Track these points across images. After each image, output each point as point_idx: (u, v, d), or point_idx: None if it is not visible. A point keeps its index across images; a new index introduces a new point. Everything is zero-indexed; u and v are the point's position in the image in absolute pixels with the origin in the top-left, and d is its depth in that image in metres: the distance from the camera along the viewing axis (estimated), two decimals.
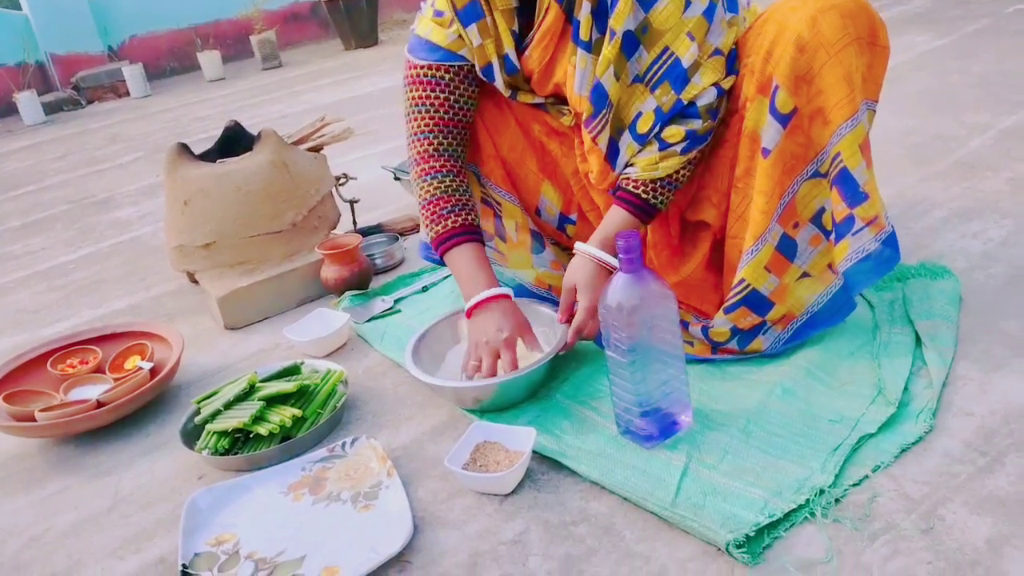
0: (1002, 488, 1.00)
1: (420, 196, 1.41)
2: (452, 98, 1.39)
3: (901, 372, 1.22)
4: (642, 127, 1.30)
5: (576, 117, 1.37)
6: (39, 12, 6.34)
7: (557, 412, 1.29)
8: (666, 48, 1.26)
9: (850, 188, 1.19)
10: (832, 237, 1.26)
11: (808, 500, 1.02)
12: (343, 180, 2.11)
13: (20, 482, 1.40)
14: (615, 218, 1.33)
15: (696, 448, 1.14)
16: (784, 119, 1.21)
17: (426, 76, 1.39)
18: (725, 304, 1.33)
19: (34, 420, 1.43)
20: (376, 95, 4.45)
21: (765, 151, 1.24)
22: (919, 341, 1.29)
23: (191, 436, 1.38)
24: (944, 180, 1.95)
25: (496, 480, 1.13)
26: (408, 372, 1.39)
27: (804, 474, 1.06)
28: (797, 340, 1.33)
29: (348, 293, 1.83)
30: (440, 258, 1.42)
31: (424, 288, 1.82)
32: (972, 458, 1.05)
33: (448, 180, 1.41)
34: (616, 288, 1.12)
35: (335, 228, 2.04)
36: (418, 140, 1.42)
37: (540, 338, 1.42)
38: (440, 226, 1.39)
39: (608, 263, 1.30)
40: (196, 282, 2.01)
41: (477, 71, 1.37)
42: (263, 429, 1.31)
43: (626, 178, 1.33)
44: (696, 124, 1.27)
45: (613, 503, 1.09)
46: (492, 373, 1.31)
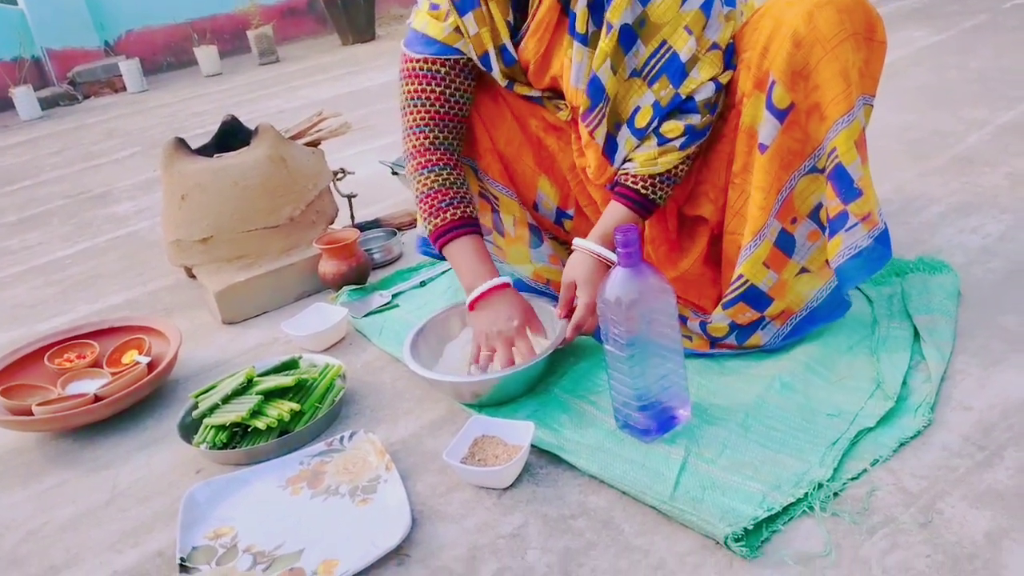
0: (1001, 482, 1.00)
1: (417, 190, 1.41)
2: (448, 92, 1.39)
3: (900, 366, 1.22)
4: (640, 121, 1.30)
5: (573, 111, 1.37)
6: (35, 7, 6.33)
7: (556, 406, 1.29)
8: (664, 42, 1.26)
9: (844, 184, 1.19)
10: (827, 232, 1.26)
11: (807, 494, 1.02)
12: (341, 175, 2.10)
13: (18, 476, 1.40)
14: (614, 213, 1.33)
15: (695, 442, 1.14)
16: (781, 115, 1.21)
17: (422, 70, 1.38)
18: (723, 300, 1.33)
19: (31, 414, 1.43)
20: (374, 90, 4.45)
21: (762, 147, 1.23)
22: (918, 335, 1.29)
23: (189, 430, 1.38)
24: (942, 175, 1.95)
25: (495, 474, 1.13)
26: (406, 367, 1.39)
27: (803, 468, 1.06)
28: (796, 336, 1.33)
29: (346, 288, 1.83)
30: (439, 251, 1.42)
31: (422, 283, 1.82)
32: (971, 452, 1.06)
33: (446, 173, 1.40)
34: (614, 282, 1.11)
35: (333, 223, 2.04)
36: (414, 134, 1.42)
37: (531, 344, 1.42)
38: (439, 219, 1.38)
39: (607, 258, 1.30)
40: (193, 277, 2.01)
41: (475, 61, 1.37)
42: (261, 423, 1.31)
43: (624, 173, 1.33)
44: (695, 119, 1.27)
45: (612, 497, 1.09)
46: (509, 361, 1.32)
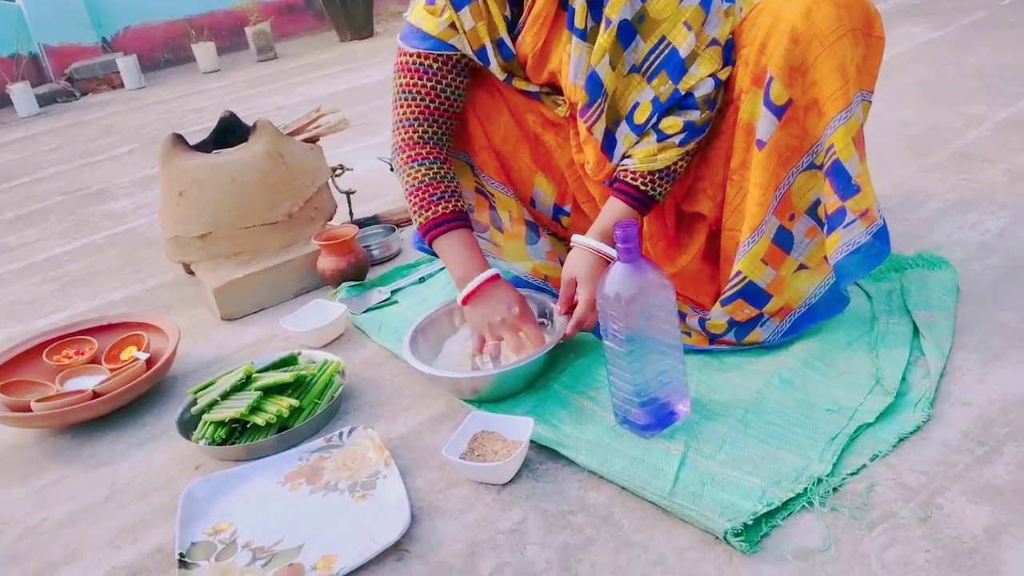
0: (1000, 477, 1.00)
1: (407, 183, 1.40)
2: (439, 87, 1.39)
3: (899, 362, 1.22)
4: (639, 118, 1.29)
5: (571, 107, 1.37)
6: (32, 3, 6.30)
7: (555, 402, 1.29)
8: (663, 38, 1.25)
9: (842, 180, 1.19)
10: (825, 229, 1.26)
11: (806, 489, 1.02)
12: (339, 171, 2.10)
13: (16, 472, 1.40)
14: (613, 210, 1.33)
15: (694, 438, 1.14)
16: (779, 111, 1.21)
17: (414, 64, 1.38)
18: (722, 296, 1.32)
19: (30, 410, 1.43)
20: (372, 87, 4.44)
21: (760, 143, 1.23)
22: (917, 331, 1.29)
23: (188, 426, 1.38)
24: (941, 171, 1.95)
25: (494, 469, 1.13)
26: (406, 362, 1.39)
27: (802, 463, 1.06)
28: (795, 332, 1.33)
29: (345, 284, 1.82)
30: (428, 244, 1.41)
31: (421, 279, 1.82)
32: (970, 447, 1.06)
33: (436, 167, 1.40)
34: (614, 278, 1.11)
35: (331, 219, 2.03)
36: (403, 127, 1.41)
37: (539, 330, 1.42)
38: (431, 211, 1.38)
39: (607, 254, 1.30)
40: (192, 273, 2.01)
41: (471, 56, 1.36)
42: (260, 419, 1.31)
43: (624, 170, 1.32)
44: (694, 115, 1.27)
45: (611, 492, 1.09)
46: (519, 347, 1.33)
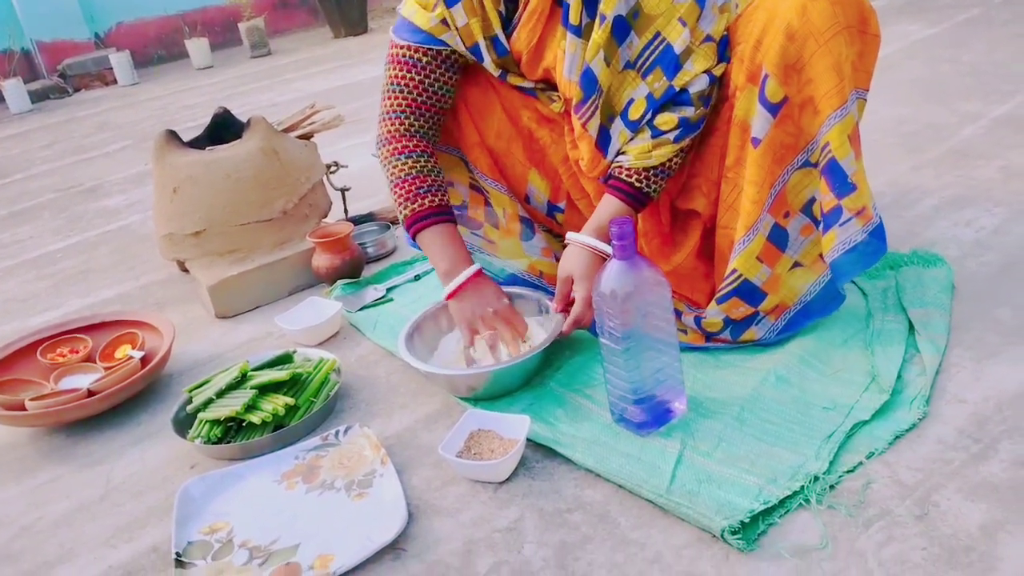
0: (995, 474, 1.00)
1: (392, 175, 1.39)
2: (427, 81, 1.38)
3: (894, 359, 1.22)
4: (634, 114, 1.29)
5: (566, 103, 1.36)
6: None
7: (551, 400, 1.29)
8: (657, 33, 1.25)
9: (838, 178, 1.19)
10: (821, 227, 1.26)
11: (802, 487, 1.02)
12: (334, 168, 2.09)
13: (11, 471, 1.40)
14: (608, 207, 1.32)
15: (690, 435, 1.14)
16: (774, 108, 1.20)
17: (404, 57, 1.38)
18: (717, 295, 1.32)
19: (24, 409, 1.42)
20: (366, 83, 4.42)
21: (755, 140, 1.23)
22: (912, 329, 1.29)
23: (183, 425, 1.37)
24: (936, 168, 1.95)
25: (490, 468, 1.13)
26: (401, 360, 1.39)
27: (798, 461, 1.07)
28: (791, 330, 1.33)
29: (340, 282, 1.82)
30: (412, 237, 1.41)
31: (416, 277, 1.81)
32: (965, 445, 1.06)
33: (423, 160, 1.39)
34: (610, 275, 1.11)
35: (326, 216, 2.03)
36: (390, 119, 1.41)
37: (535, 327, 1.42)
38: (416, 204, 1.37)
39: (603, 251, 1.30)
40: (186, 271, 2.00)
41: (463, 52, 1.36)
42: (256, 418, 1.31)
43: (618, 166, 1.32)
44: (688, 111, 1.27)
45: (608, 491, 1.09)
46: (515, 335, 1.35)
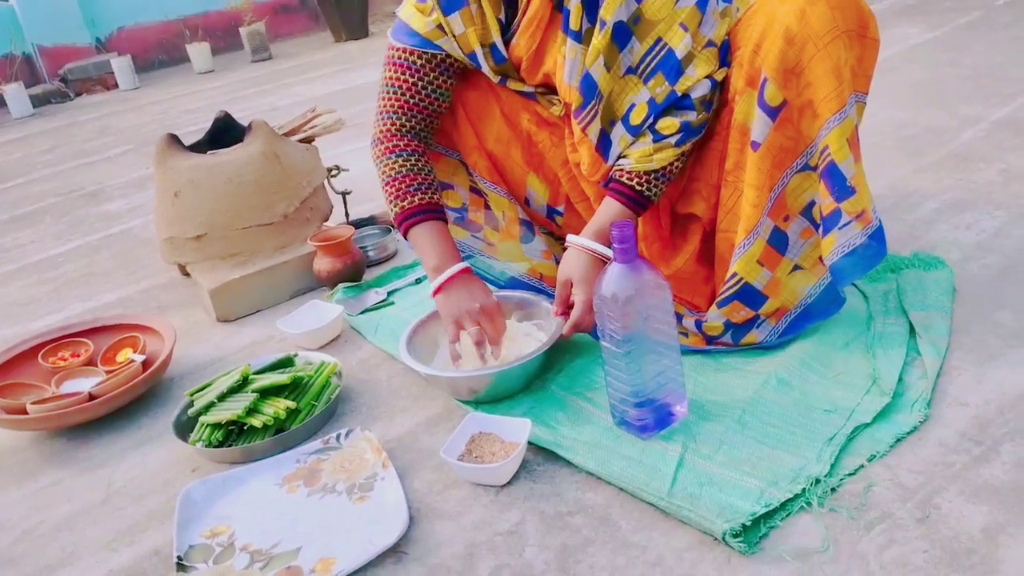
0: (997, 477, 1.00)
1: (384, 173, 1.41)
2: (420, 84, 1.39)
3: (896, 362, 1.22)
4: (635, 119, 1.29)
5: (566, 107, 1.37)
6: (26, 3, 6.28)
7: (552, 403, 1.29)
8: (659, 39, 1.25)
9: (837, 182, 1.19)
10: (820, 230, 1.26)
11: (804, 490, 1.02)
12: (335, 172, 2.09)
13: (12, 475, 1.40)
14: (608, 210, 1.32)
15: (692, 438, 1.14)
16: (773, 112, 1.21)
17: (399, 59, 1.39)
18: (718, 298, 1.32)
19: (26, 413, 1.42)
20: (367, 87, 4.43)
21: (755, 144, 1.23)
22: (913, 332, 1.29)
23: (184, 428, 1.37)
24: (937, 172, 1.95)
25: (492, 471, 1.13)
26: (403, 363, 1.39)
27: (800, 464, 1.07)
28: (792, 333, 1.33)
29: (341, 285, 1.82)
30: (403, 234, 1.41)
31: (417, 280, 1.82)
32: (967, 447, 1.06)
33: (414, 159, 1.40)
34: (611, 278, 1.11)
35: (327, 220, 2.03)
36: (383, 119, 1.42)
37: (535, 330, 1.42)
38: (406, 202, 1.38)
39: (603, 254, 1.30)
40: (188, 275, 2.00)
41: (459, 57, 1.36)
42: (257, 421, 1.31)
43: (619, 170, 1.32)
44: (691, 116, 1.27)
45: (609, 494, 1.09)
46: (497, 332, 1.34)
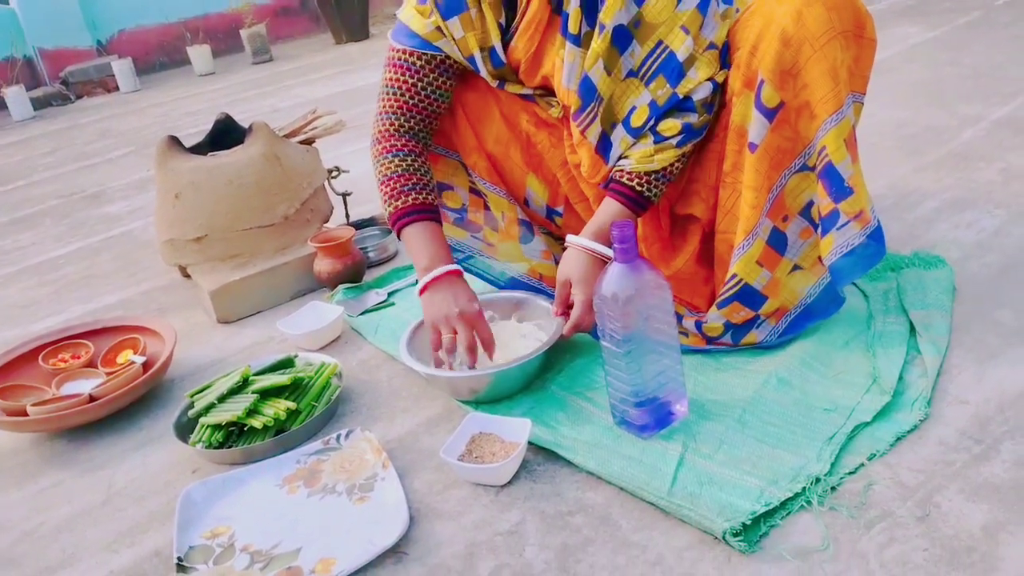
0: (997, 475, 1.00)
1: (380, 173, 1.41)
2: (420, 85, 1.39)
3: (896, 361, 1.22)
4: (636, 121, 1.29)
5: (564, 109, 1.37)
6: (27, 6, 6.28)
7: (552, 403, 1.29)
8: (660, 42, 1.25)
9: (835, 182, 1.19)
10: (819, 231, 1.26)
11: (804, 488, 1.02)
12: (335, 173, 2.10)
13: (13, 477, 1.40)
14: (608, 210, 1.32)
15: (692, 438, 1.14)
16: (770, 113, 1.21)
17: (399, 60, 1.40)
18: (718, 299, 1.32)
19: (26, 415, 1.42)
20: (367, 89, 4.43)
21: (752, 146, 1.23)
22: (913, 330, 1.29)
23: (184, 430, 1.38)
24: (937, 171, 1.95)
25: (492, 471, 1.13)
26: (403, 364, 1.39)
27: (800, 463, 1.07)
28: (792, 333, 1.33)
29: (341, 286, 1.82)
30: (397, 234, 1.41)
31: (417, 281, 1.81)
32: (967, 446, 1.06)
33: (410, 159, 1.40)
34: (611, 278, 1.11)
35: (328, 221, 2.03)
36: (382, 119, 1.43)
37: (535, 331, 1.41)
38: (400, 201, 1.38)
39: (603, 254, 1.30)
40: (188, 276, 2.00)
41: (460, 60, 1.37)
42: (257, 422, 1.31)
43: (620, 170, 1.32)
44: (692, 118, 1.27)
45: (609, 493, 1.09)
46: (471, 342, 1.31)
